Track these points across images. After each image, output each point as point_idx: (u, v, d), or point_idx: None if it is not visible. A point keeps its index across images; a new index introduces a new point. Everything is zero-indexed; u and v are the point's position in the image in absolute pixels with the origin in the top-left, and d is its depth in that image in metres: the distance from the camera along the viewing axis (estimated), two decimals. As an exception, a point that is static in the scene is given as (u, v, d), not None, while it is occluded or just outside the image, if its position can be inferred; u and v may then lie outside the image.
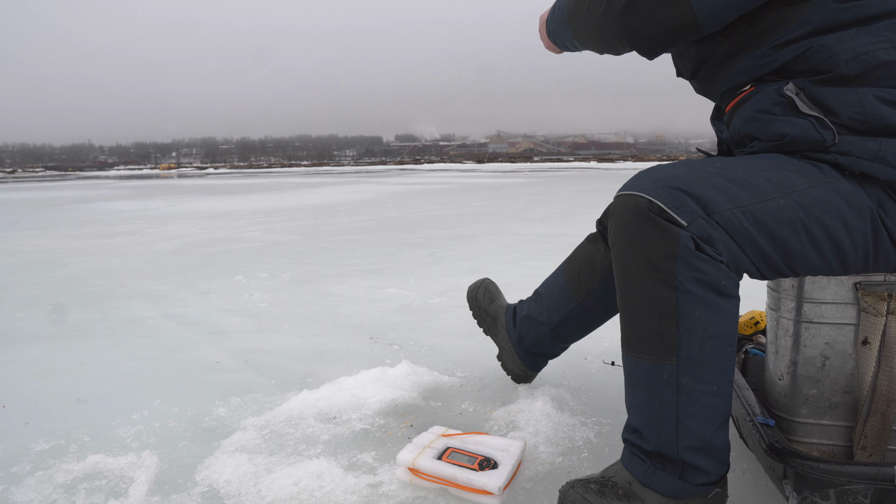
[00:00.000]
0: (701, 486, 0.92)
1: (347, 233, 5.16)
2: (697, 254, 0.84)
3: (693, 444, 0.90)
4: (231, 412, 1.51)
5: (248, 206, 8.39)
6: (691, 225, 0.84)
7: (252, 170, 43.20)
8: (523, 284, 1.93)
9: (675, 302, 0.86)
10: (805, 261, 0.89)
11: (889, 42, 0.86)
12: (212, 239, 4.95)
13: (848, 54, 0.86)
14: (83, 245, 4.75)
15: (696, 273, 0.85)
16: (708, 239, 0.85)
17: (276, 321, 2.37)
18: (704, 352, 0.87)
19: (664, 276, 0.86)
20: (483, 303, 1.62)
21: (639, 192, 0.88)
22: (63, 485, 1.18)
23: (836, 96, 0.88)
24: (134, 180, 23.02)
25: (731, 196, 0.86)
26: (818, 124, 0.88)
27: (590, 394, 1.57)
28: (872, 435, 0.95)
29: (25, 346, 2.13)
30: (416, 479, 1.15)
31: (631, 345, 0.93)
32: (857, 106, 0.86)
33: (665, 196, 0.85)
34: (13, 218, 7.50)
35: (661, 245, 0.85)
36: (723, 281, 0.86)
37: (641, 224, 0.87)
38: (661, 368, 0.89)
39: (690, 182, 0.86)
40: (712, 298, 0.86)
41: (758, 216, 0.85)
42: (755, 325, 1.39)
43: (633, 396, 0.95)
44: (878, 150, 0.85)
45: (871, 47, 0.86)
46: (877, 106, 0.86)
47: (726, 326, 0.88)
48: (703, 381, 0.88)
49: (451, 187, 12.33)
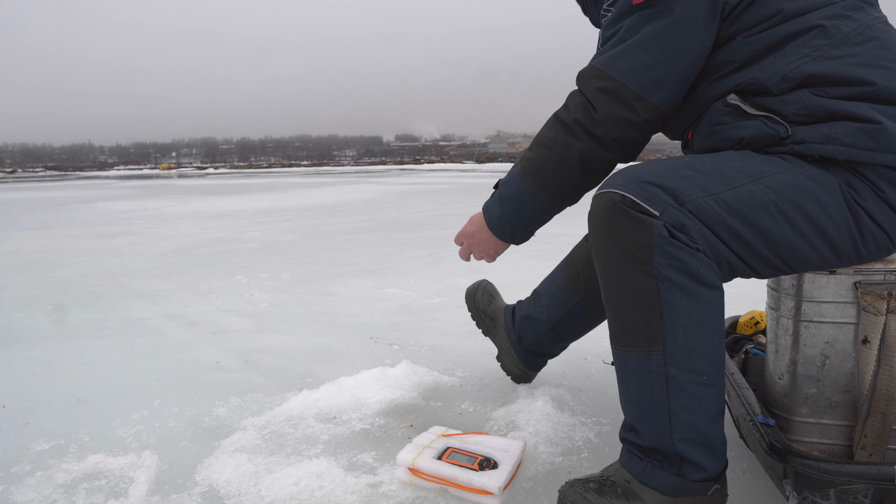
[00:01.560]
0: (699, 483, 0.92)
1: (347, 233, 5.16)
2: (672, 241, 0.86)
3: (687, 436, 0.90)
4: (231, 412, 1.51)
5: (248, 206, 8.39)
6: (663, 214, 0.87)
7: (252, 170, 43.20)
8: (523, 284, 1.93)
9: (655, 290, 0.88)
10: (791, 248, 0.90)
11: (806, 56, 0.92)
12: (212, 239, 4.95)
13: (775, 77, 0.93)
14: (83, 245, 4.75)
15: (672, 261, 0.86)
16: (681, 227, 0.87)
17: (276, 321, 2.37)
18: (690, 341, 0.88)
19: (643, 265, 0.88)
20: (481, 304, 1.62)
21: (612, 188, 0.91)
22: (63, 485, 1.18)
23: (777, 100, 0.93)
24: (134, 180, 23.02)
25: (700, 185, 0.89)
26: (768, 122, 0.93)
27: (590, 394, 1.57)
28: (872, 434, 0.95)
29: (25, 346, 2.13)
30: (416, 479, 1.15)
31: (619, 339, 0.95)
32: (799, 103, 0.91)
33: (636, 189, 0.88)
34: (13, 218, 7.50)
35: (636, 236, 0.87)
36: (701, 269, 0.87)
37: (616, 218, 0.89)
38: (649, 360, 0.90)
39: (660, 175, 0.90)
40: (692, 286, 0.87)
41: (729, 202, 0.88)
42: (755, 325, 1.39)
43: (626, 392, 0.96)
44: (830, 133, 0.89)
45: (793, 64, 0.92)
46: (816, 100, 0.91)
47: (711, 316, 0.89)
48: (692, 371, 0.89)
49: (451, 187, 12.33)
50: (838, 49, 0.92)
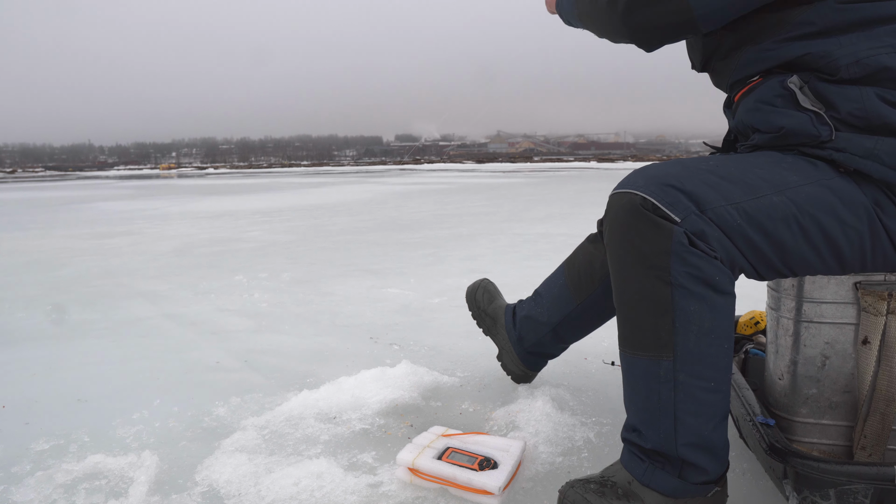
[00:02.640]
0: (700, 485, 0.92)
1: (347, 233, 5.16)
2: (691, 249, 0.85)
3: (691, 441, 0.90)
4: (231, 412, 1.51)
5: (248, 206, 8.39)
6: (684, 221, 0.85)
7: (252, 170, 43.19)
8: (523, 284, 1.93)
9: (670, 297, 0.86)
10: (801, 259, 0.89)
11: (891, 47, 0.86)
12: (212, 239, 4.95)
13: (849, 59, 0.87)
14: (83, 245, 4.75)
15: (690, 269, 0.85)
16: (701, 235, 0.85)
17: (276, 321, 2.37)
18: (701, 347, 0.88)
19: (659, 272, 0.86)
20: (482, 303, 1.62)
21: (633, 189, 0.89)
22: (63, 485, 1.18)
23: (838, 91, 0.88)
24: (134, 180, 23.02)
25: (723, 193, 0.87)
26: (816, 119, 0.89)
27: (590, 394, 1.57)
28: (872, 434, 0.95)
29: (25, 346, 2.13)
30: (416, 479, 1.15)
31: (628, 342, 0.94)
32: (858, 101, 0.87)
33: (658, 193, 0.86)
34: (13, 218, 7.50)
35: (655, 241, 0.86)
36: (717, 277, 0.86)
37: (636, 221, 0.87)
38: (658, 364, 0.89)
39: (683, 179, 0.87)
40: (707, 294, 0.86)
41: (751, 213, 0.86)
42: (755, 325, 1.39)
43: (632, 394, 0.95)
44: (874, 149, 0.86)
45: (873, 52, 0.86)
46: (877, 104, 0.86)
47: (722, 322, 0.88)
48: (700, 378, 0.89)
49: (451, 187, 12.33)
50: None
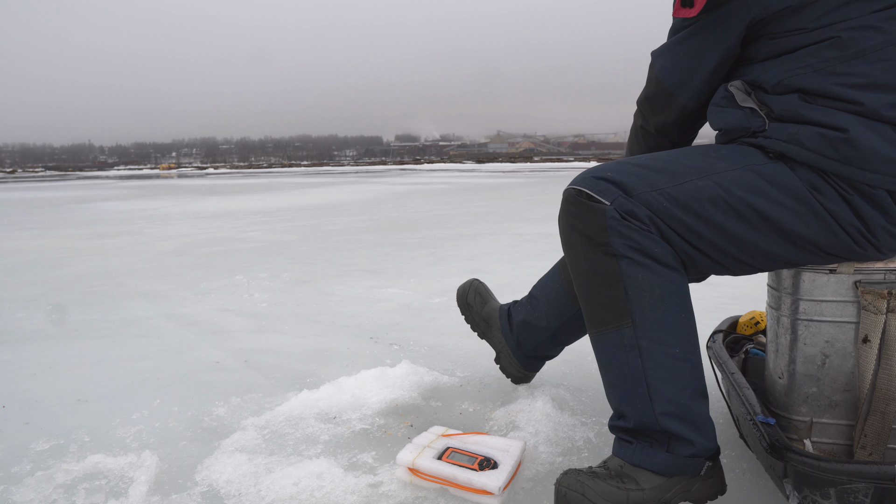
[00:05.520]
0: (690, 459, 0.94)
1: (347, 233, 5.16)
2: (625, 222, 0.94)
3: (668, 409, 0.94)
4: (231, 412, 1.50)
5: (248, 206, 8.39)
6: (613, 203, 0.95)
7: (252, 170, 43.17)
8: (523, 284, 1.93)
9: (617, 267, 0.95)
10: (749, 243, 0.94)
11: (809, 67, 0.94)
12: (212, 239, 4.95)
13: (772, 81, 0.97)
14: (83, 245, 4.75)
15: (627, 240, 0.94)
16: (631, 214, 0.95)
17: (276, 321, 2.37)
18: (657, 313, 0.94)
19: (602, 247, 0.96)
20: (475, 306, 1.59)
21: (571, 185, 1.01)
22: (63, 485, 1.18)
23: (771, 97, 0.97)
24: (134, 180, 23.02)
25: (649, 181, 0.96)
26: (751, 114, 0.98)
27: (590, 394, 1.57)
28: (873, 433, 0.95)
29: (25, 346, 2.13)
30: (416, 479, 1.15)
31: (593, 322, 1.00)
32: (786, 104, 0.95)
33: (590, 184, 0.98)
34: (13, 218, 7.49)
35: (592, 221, 0.96)
36: (656, 249, 0.94)
37: (575, 208, 0.99)
38: (620, 334, 0.96)
39: (613, 172, 0.98)
40: (650, 264, 0.95)
41: (676, 196, 0.94)
42: (755, 325, 1.39)
43: (606, 374, 1.01)
44: (796, 134, 0.93)
45: (792, 73, 0.94)
46: (800, 104, 0.94)
47: (674, 291, 0.95)
48: (663, 343, 0.94)
49: (451, 187, 12.33)
50: (847, 64, 0.90)
